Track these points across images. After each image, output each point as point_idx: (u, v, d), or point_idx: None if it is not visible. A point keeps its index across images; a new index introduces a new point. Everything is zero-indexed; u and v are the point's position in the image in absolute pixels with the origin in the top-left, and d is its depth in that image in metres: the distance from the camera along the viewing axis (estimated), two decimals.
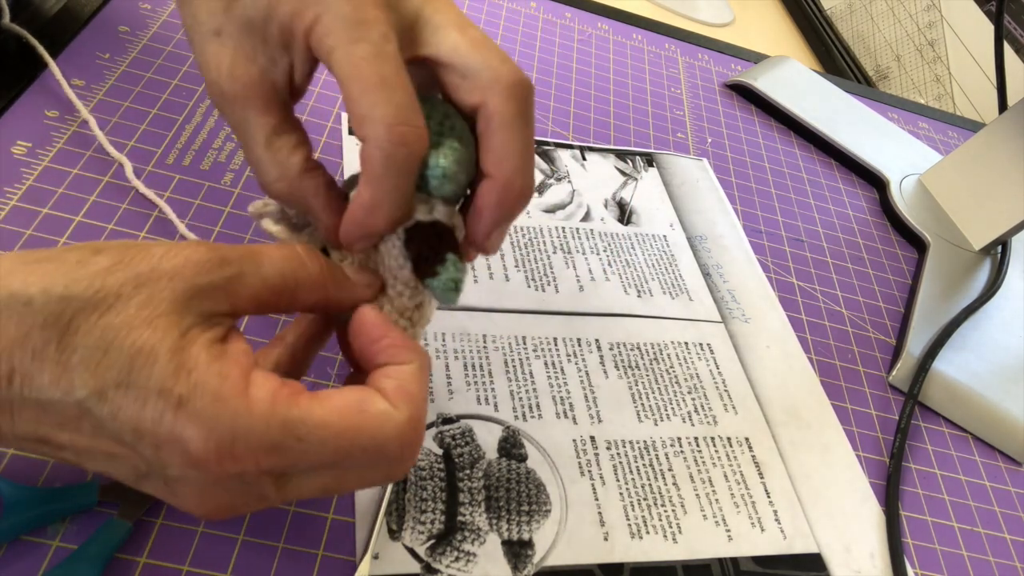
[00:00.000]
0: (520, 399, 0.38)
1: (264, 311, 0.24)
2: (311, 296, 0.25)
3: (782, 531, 0.37)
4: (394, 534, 0.31)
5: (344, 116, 0.48)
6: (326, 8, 0.25)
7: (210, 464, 0.21)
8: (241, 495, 0.23)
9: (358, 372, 0.27)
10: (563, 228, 0.47)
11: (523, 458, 0.36)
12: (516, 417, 0.37)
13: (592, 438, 0.37)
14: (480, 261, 0.43)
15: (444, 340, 0.39)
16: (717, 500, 0.37)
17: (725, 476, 0.38)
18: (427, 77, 0.28)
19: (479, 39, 0.27)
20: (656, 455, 0.38)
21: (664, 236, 0.50)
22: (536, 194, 0.48)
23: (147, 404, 0.21)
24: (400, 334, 0.26)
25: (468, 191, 0.28)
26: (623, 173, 0.53)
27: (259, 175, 0.27)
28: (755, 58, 0.73)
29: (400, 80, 0.25)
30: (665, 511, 0.36)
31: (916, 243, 0.59)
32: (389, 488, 0.32)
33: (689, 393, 0.41)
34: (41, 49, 0.42)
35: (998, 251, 0.59)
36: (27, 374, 0.21)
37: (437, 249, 0.27)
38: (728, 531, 0.36)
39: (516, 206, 0.27)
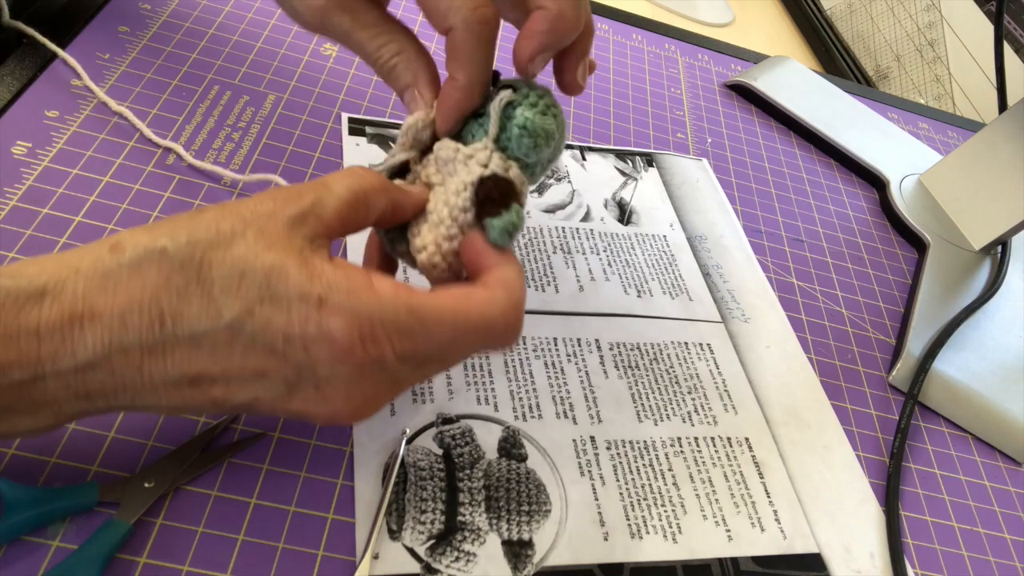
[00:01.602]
0: (520, 399, 0.38)
1: (349, 227, 0.27)
2: (380, 201, 0.28)
3: (782, 531, 0.37)
4: (394, 534, 0.31)
5: (344, 116, 0.48)
6: None
7: (355, 350, 0.24)
8: (382, 383, 0.26)
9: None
10: (563, 228, 0.47)
11: (523, 458, 0.36)
12: (516, 417, 0.37)
13: (592, 438, 0.37)
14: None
15: None
16: (717, 500, 0.37)
17: (725, 476, 0.38)
18: None
19: None
20: (656, 455, 0.38)
21: (664, 236, 0.50)
22: (536, 194, 0.48)
23: (292, 309, 0.24)
24: (495, 251, 0.29)
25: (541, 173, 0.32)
26: (623, 173, 0.53)
27: (376, 59, 0.31)
28: (755, 58, 0.73)
29: None
30: (665, 511, 0.36)
31: (916, 243, 0.59)
32: (389, 488, 0.32)
33: (689, 393, 0.41)
34: (48, 43, 0.42)
35: (998, 251, 0.59)
36: (176, 312, 0.24)
37: (504, 196, 0.29)
38: (728, 531, 0.36)
39: (566, 34, 0.30)
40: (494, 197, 0.29)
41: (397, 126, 0.49)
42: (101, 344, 0.24)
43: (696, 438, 0.39)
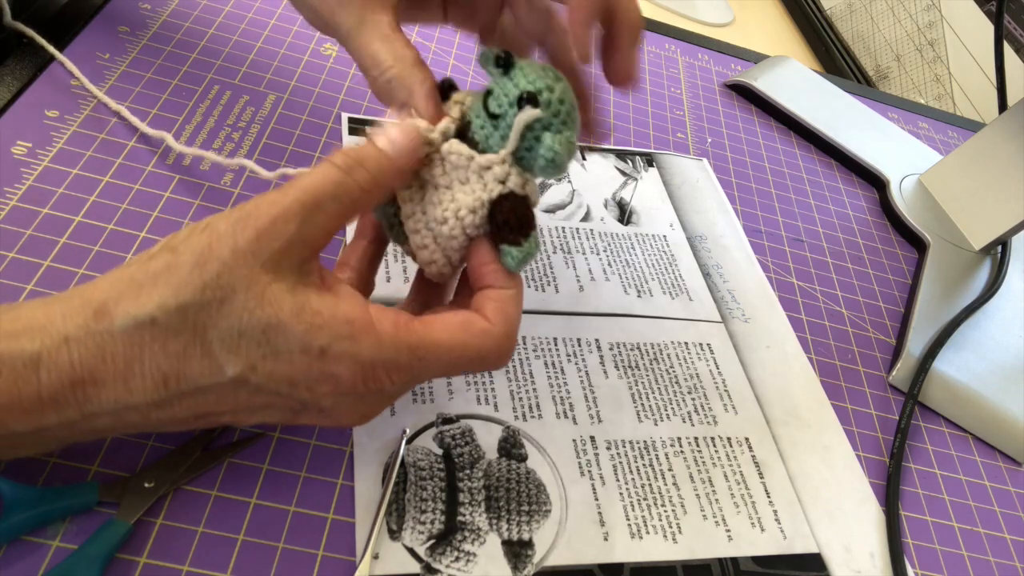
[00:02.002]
0: (520, 399, 0.38)
1: (338, 230, 0.27)
2: (373, 198, 0.27)
3: (782, 531, 0.37)
4: (394, 534, 0.31)
5: (344, 116, 0.48)
6: None
7: (357, 388, 0.26)
8: (380, 400, 0.28)
9: (461, 293, 0.31)
10: (563, 228, 0.47)
11: (523, 458, 0.36)
12: (516, 417, 0.37)
13: (592, 438, 0.37)
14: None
15: None
16: (717, 500, 0.37)
17: (725, 476, 0.38)
18: None
19: None
20: (656, 455, 0.38)
21: (664, 236, 0.50)
22: None
23: (294, 362, 0.24)
24: (501, 268, 0.29)
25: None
26: (623, 173, 0.53)
27: (373, 66, 0.30)
28: (755, 58, 0.73)
29: None
30: (665, 511, 0.36)
31: (916, 243, 0.59)
32: (389, 488, 0.32)
33: (689, 393, 0.41)
34: (47, 44, 0.42)
35: (998, 251, 0.59)
36: (179, 372, 0.24)
37: (523, 223, 0.29)
38: (728, 531, 0.36)
39: (638, 31, 0.31)
40: (512, 224, 0.29)
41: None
42: (108, 402, 0.24)
43: (696, 438, 0.39)
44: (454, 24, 0.36)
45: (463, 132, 0.30)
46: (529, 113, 0.28)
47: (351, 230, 0.41)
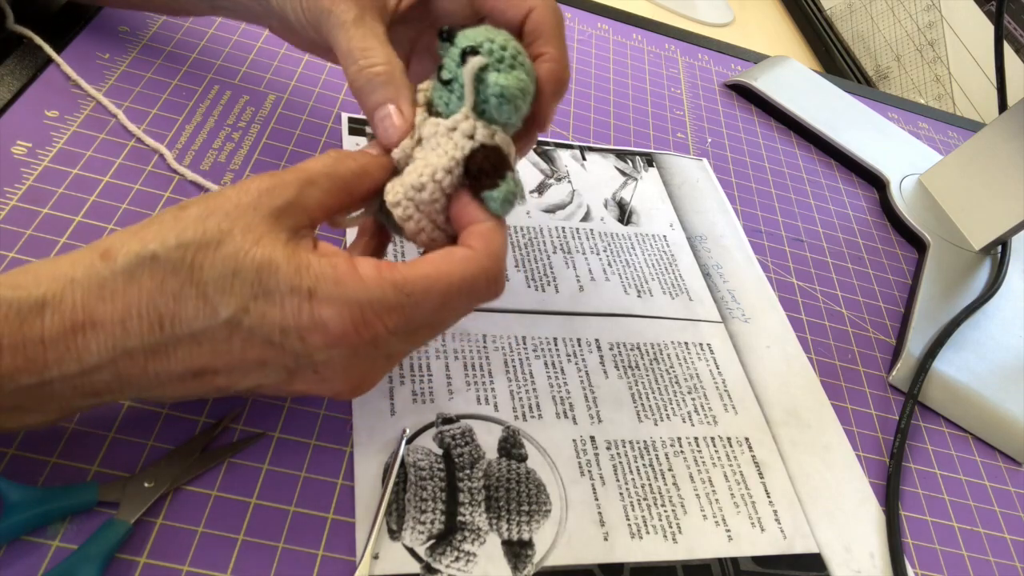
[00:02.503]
0: (520, 399, 0.38)
1: (332, 213, 0.28)
2: (363, 184, 0.29)
3: (782, 531, 0.37)
4: (394, 534, 0.31)
5: (344, 116, 0.48)
6: None
7: (348, 335, 0.26)
8: (377, 358, 0.28)
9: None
10: (563, 228, 0.47)
11: (523, 458, 0.36)
12: (516, 417, 0.37)
13: (592, 438, 0.37)
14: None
15: (444, 340, 0.39)
16: (717, 500, 0.37)
17: (725, 476, 0.38)
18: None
19: None
20: (656, 455, 0.38)
21: (664, 236, 0.50)
22: (536, 194, 0.48)
23: (285, 303, 0.25)
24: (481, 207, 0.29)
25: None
26: (623, 173, 0.53)
27: (363, 57, 0.31)
28: (755, 58, 0.73)
29: None
30: (665, 511, 0.36)
31: (916, 243, 0.59)
32: (389, 488, 0.32)
33: (689, 393, 0.41)
34: (48, 48, 0.42)
35: (998, 251, 0.59)
36: (174, 314, 0.25)
37: (497, 167, 0.30)
38: (728, 531, 0.36)
39: (564, 86, 0.33)
40: (487, 169, 0.30)
41: None
42: (105, 349, 0.25)
43: (696, 438, 0.39)
44: (415, 64, 0.38)
45: (428, 110, 0.32)
46: (473, 62, 0.29)
47: (351, 234, 0.41)
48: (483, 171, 0.30)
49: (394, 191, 0.30)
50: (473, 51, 0.30)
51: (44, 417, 0.26)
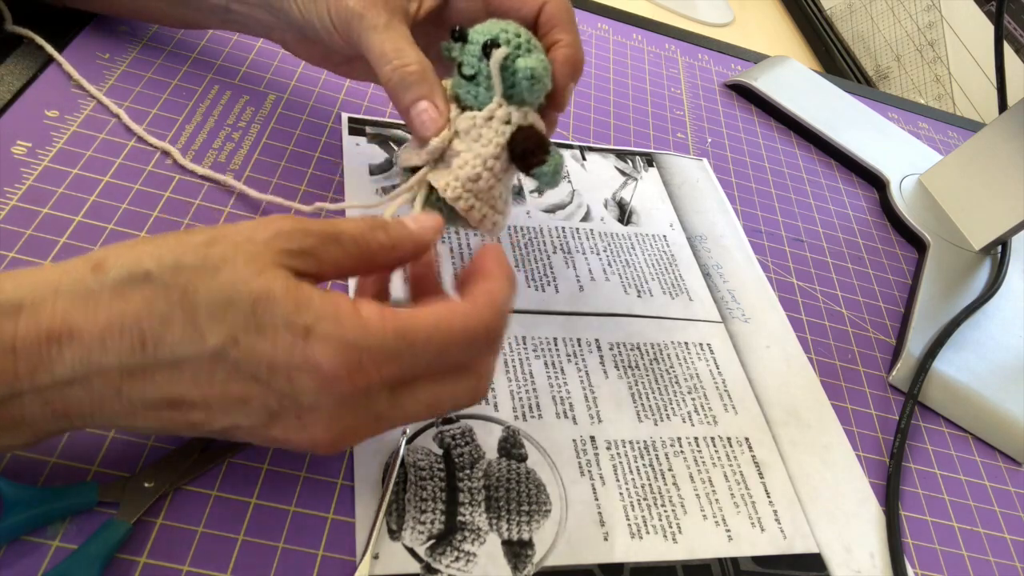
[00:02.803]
0: (520, 399, 0.38)
1: (345, 275, 0.28)
2: (388, 258, 0.28)
3: (782, 531, 0.37)
4: (394, 534, 0.31)
5: (344, 116, 0.48)
6: None
7: (341, 380, 0.24)
8: (364, 416, 0.26)
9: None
10: (563, 228, 0.47)
11: (523, 458, 0.36)
12: (516, 417, 0.37)
13: (592, 438, 0.37)
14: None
15: None
16: (717, 500, 0.37)
17: (725, 476, 0.38)
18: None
19: None
20: (656, 455, 0.38)
21: (664, 236, 0.50)
22: (536, 194, 0.48)
23: (277, 338, 0.23)
24: (498, 261, 0.29)
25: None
26: (623, 173, 0.53)
27: (396, 58, 0.33)
28: (755, 58, 0.73)
29: None
30: (665, 511, 0.36)
31: (916, 243, 0.59)
32: (389, 488, 0.32)
33: (689, 393, 0.41)
34: (49, 47, 0.42)
35: (998, 251, 0.59)
36: (159, 337, 0.23)
37: (540, 144, 0.33)
38: (728, 531, 0.36)
39: (580, 69, 0.35)
40: (531, 148, 0.33)
41: (397, 126, 0.49)
42: (80, 364, 0.23)
43: (696, 438, 0.39)
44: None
45: (458, 105, 0.34)
46: (497, 53, 0.32)
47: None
48: (528, 150, 0.33)
49: (452, 187, 0.32)
50: (495, 43, 0.32)
51: (13, 439, 0.25)
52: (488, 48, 0.32)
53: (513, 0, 0.35)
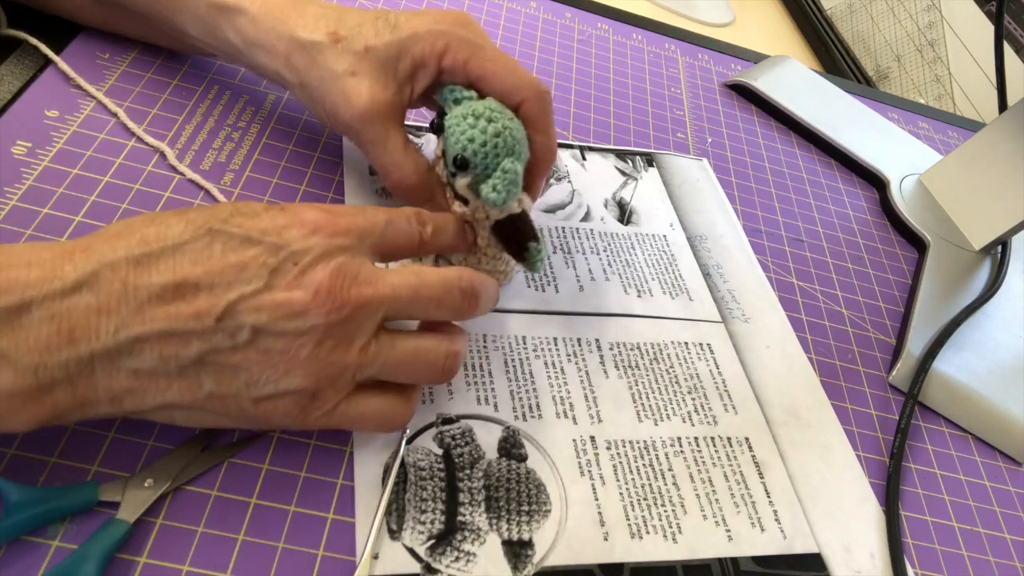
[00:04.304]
0: (520, 399, 0.38)
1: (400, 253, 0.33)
2: (423, 235, 0.33)
3: (782, 531, 0.37)
4: (394, 534, 0.31)
5: None
6: (452, 37, 0.36)
7: (323, 223, 0.28)
8: (354, 262, 0.28)
9: None
10: (563, 228, 0.47)
11: (523, 458, 0.36)
12: (516, 417, 0.37)
13: (592, 438, 0.37)
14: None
15: None
16: (717, 500, 0.37)
17: (725, 476, 0.38)
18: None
19: (511, 62, 0.37)
20: (656, 455, 0.38)
21: (664, 236, 0.50)
22: None
23: (260, 214, 0.28)
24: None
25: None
26: (623, 173, 0.53)
27: (396, 174, 0.37)
28: (755, 58, 0.73)
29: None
30: (665, 511, 0.36)
31: (916, 243, 0.59)
32: (389, 488, 0.32)
33: (689, 393, 0.41)
34: (46, 48, 0.42)
35: (998, 251, 0.59)
36: (161, 235, 0.26)
37: (520, 238, 0.36)
38: (728, 531, 0.36)
39: (551, 164, 0.39)
40: (514, 239, 0.36)
41: None
42: (89, 263, 0.25)
43: (696, 438, 0.39)
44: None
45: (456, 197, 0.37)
46: (459, 183, 0.35)
47: None
48: (511, 240, 0.36)
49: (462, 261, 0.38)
50: (462, 164, 0.34)
51: (15, 380, 0.24)
52: (458, 163, 0.34)
53: (494, 91, 0.37)
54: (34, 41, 0.42)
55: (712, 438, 0.40)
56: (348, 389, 0.29)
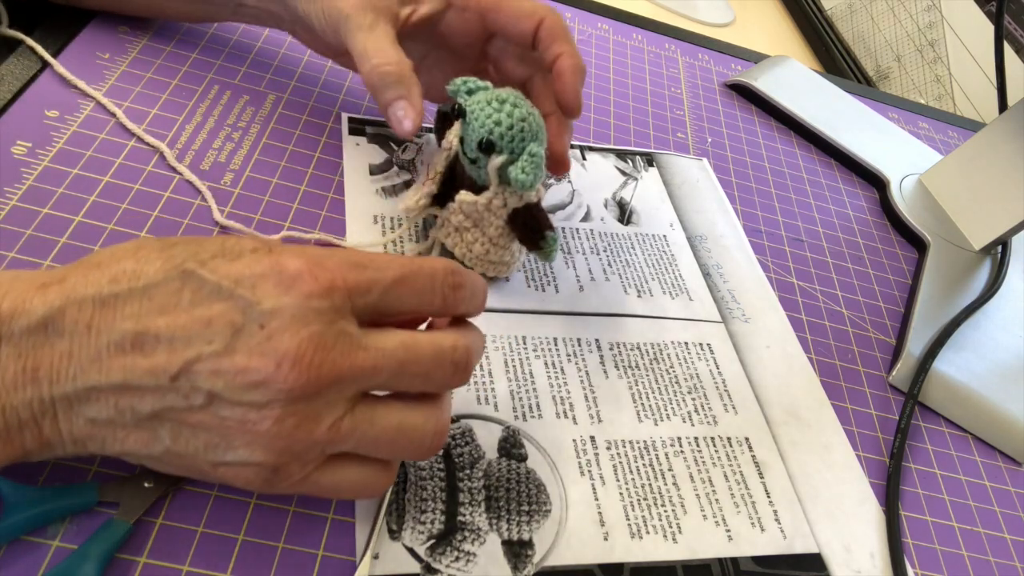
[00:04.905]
0: (520, 399, 0.38)
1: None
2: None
3: (782, 531, 0.37)
4: (394, 534, 0.31)
5: (344, 116, 0.48)
6: None
7: (303, 277, 0.24)
8: (331, 327, 0.25)
9: None
10: (563, 228, 0.47)
11: (523, 458, 0.36)
12: (516, 417, 0.37)
13: (592, 438, 0.37)
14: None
15: None
16: (717, 500, 0.37)
17: (725, 476, 0.38)
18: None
19: None
20: (656, 455, 0.38)
21: (664, 236, 0.50)
22: None
23: (243, 256, 0.25)
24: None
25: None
26: (623, 173, 0.53)
27: (377, 56, 0.35)
28: (755, 58, 0.73)
29: None
30: (665, 511, 0.36)
31: (916, 243, 0.59)
32: (389, 488, 0.32)
33: (689, 393, 0.41)
34: (42, 50, 0.42)
35: (998, 251, 0.59)
36: (136, 271, 0.25)
37: (538, 226, 0.37)
38: (728, 531, 0.36)
39: (583, 73, 0.38)
40: (532, 227, 0.37)
41: None
42: (59, 299, 0.24)
43: (696, 438, 0.39)
44: (424, 76, 0.41)
45: (456, 166, 0.38)
46: (493, 163, 0.35)
47: None
48: (528, 230, 0.37)
49: (468, 259, 0.39)
50: (489, 146, 0.35)
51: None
52: (484, 146, 0.35)
53: (509, 17, 0.37)
54: (31, 42, 0.42)
55: (712, 438, 0.40)
56: (316, 463, 0.26)
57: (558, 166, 0.41)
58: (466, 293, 0.28)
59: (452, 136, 0.37)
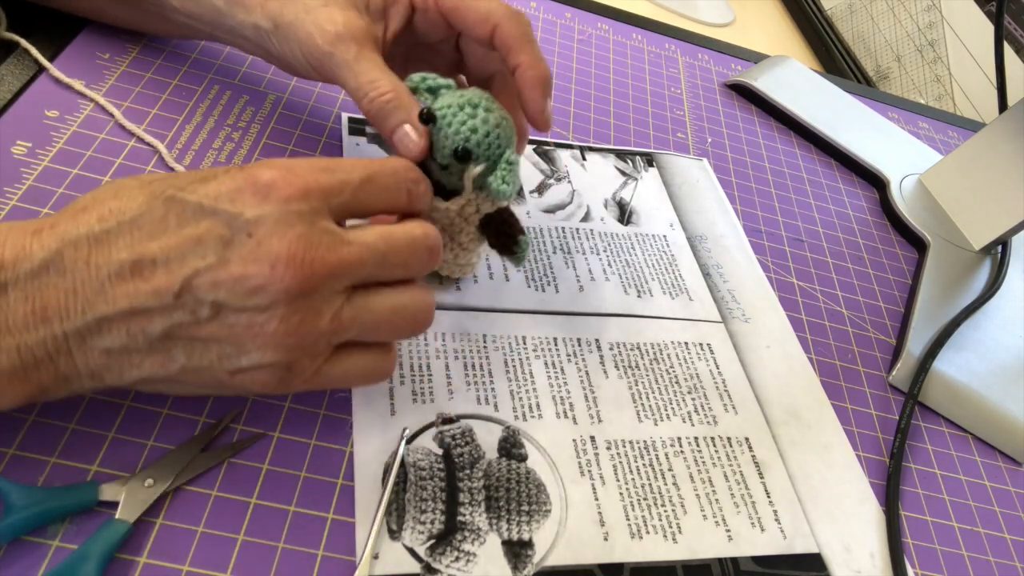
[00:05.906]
0: (520, 399, 0.38)
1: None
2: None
3: (782, 531, 0.37)
4: (394, 534, 0.31)
5: (344, 116, 0.48)
6: None
7: (278, 185, 0.26)
8: (315, 227, 0.27)
9: None
10: (563, 228, 0.47)
11: (523, 458, 0.36)
12: (516, 417, 0.37)
13: (592, 438, 0.37)
14: (480, 261, 0.43)
15: (444, 340, 0.39)
16: (717, 500, 0.37)
17: (725, 476, 0.38)
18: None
19: None
20: (656, 455, 0.38)
21: (664, 236, 0.50)
22: (536, 194, 0.48)
23: (217, 176, 0.27)
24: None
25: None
26: (623, 173, 0.53)
27: (372, 89, 0.35)
28: (755, 58, 0.73)
29: None
30: (665, 511, 0.36)
31: (916, 243, 0.59)
32: (389, 488, 0.32)
33: (689, 393, 0.41)
34: (37, 54, 0.42)
35: (998, 251, 0.59)
36: (122, 208, 0.26)
37: (511, 231, 0.36)
38: (728, 531, 0.36)
39: (549, 82, 0.36)
40: (504, 233, 0.36)
41: None
42: (54, 242, 0.25)
43: (696, 438, 0.39)
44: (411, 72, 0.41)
45: (439, 191, 0.36)
46: (471, 173, 0.34)
47: None
48: (499, 236, 0.36)
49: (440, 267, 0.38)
50: (465, 154, 0.33)
51: (0, 359, 0.25)
52: (460, 155, 0.33)
53: (466, 20, 0.36)
54: (26, 44, 0.42)
55: (712, 438, 0.40)
56: (326, 354, 0.28)
57: (543, 125, 0.38)
58: (424, 187, 0.31)
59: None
